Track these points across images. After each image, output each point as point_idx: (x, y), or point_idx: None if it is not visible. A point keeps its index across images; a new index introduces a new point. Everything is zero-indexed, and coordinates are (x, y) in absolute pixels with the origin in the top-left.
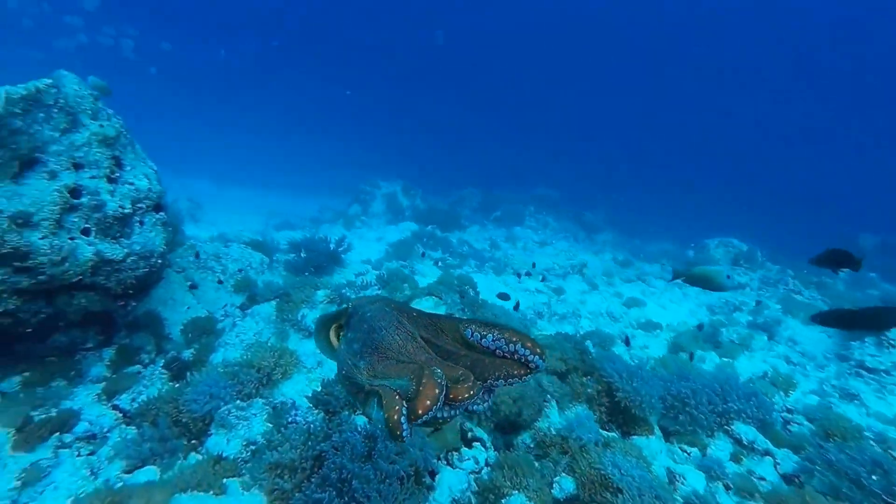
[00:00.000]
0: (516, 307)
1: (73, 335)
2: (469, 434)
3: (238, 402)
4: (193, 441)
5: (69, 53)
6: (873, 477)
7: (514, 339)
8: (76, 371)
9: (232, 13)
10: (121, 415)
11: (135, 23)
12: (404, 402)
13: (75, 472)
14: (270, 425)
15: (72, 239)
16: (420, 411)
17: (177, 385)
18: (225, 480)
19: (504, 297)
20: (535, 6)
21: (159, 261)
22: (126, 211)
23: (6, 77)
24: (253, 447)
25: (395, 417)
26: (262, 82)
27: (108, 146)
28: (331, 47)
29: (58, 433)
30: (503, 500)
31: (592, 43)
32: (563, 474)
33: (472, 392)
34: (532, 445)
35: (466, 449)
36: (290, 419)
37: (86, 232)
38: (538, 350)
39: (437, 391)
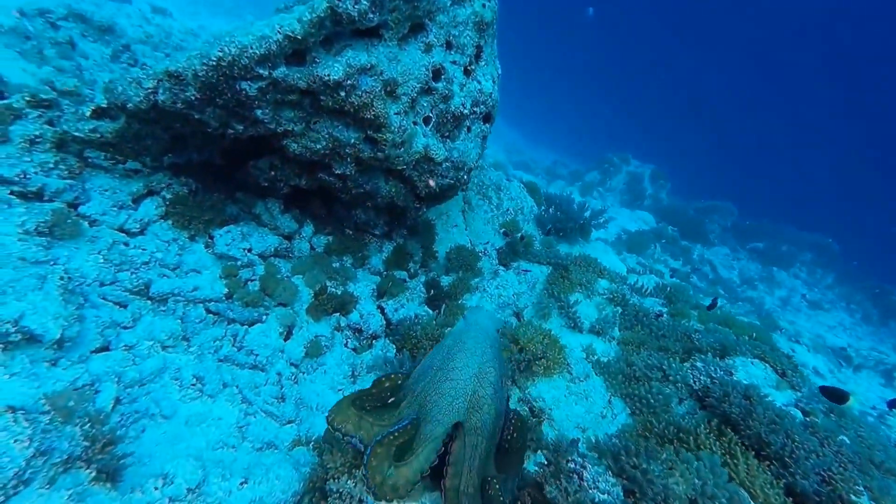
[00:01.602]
0: None
1: (370, 216)
2: None
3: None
4: None
5: None
6: None
7: None
8: (363, 255)
9: None
10: (384, 322)
11: None
12: None
13: (341, 364)
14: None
15: (414, 124)
16: None
17: (432, 314)
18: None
19: None
20: None
21: (465, 176)
22: (465, 111)
23: None
24: None
25: None
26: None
27: (478, 32)
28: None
29: (338, 314)
30: None
31: None
32: None
33: None
34: None
35: None
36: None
37: (426, 121)
38: None
39: None
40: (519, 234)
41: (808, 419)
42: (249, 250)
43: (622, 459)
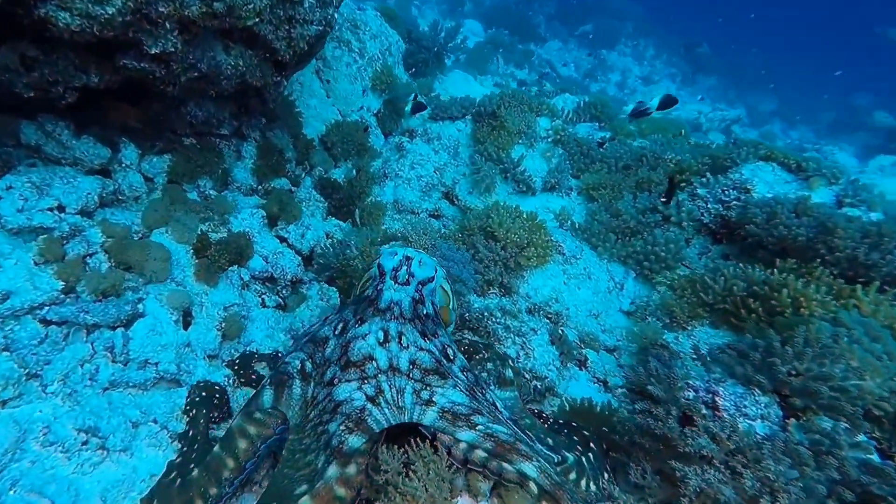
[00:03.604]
0: None
1: (209, 111)
2: None
3: (505, 302)
4: None
5: None
6: None
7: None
8: (222, 170)
9: None
10: (298, 257)
11: None
12: None
13: (274, 334)
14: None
15: None
16: None
17: (347, 226)
18: None
19: None
20: None
21: (334, 13)
22: None
23: None
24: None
25: None
26: None
27: None
28: None
29: (236, 265)
30: None
31: None
32: None
33: None
34: None
35: None
36: (688, 391)
37: None
38: None
39: None
40: (387, 97)
41: (872, 214)
42: (61, 209)
43: (778, 370)
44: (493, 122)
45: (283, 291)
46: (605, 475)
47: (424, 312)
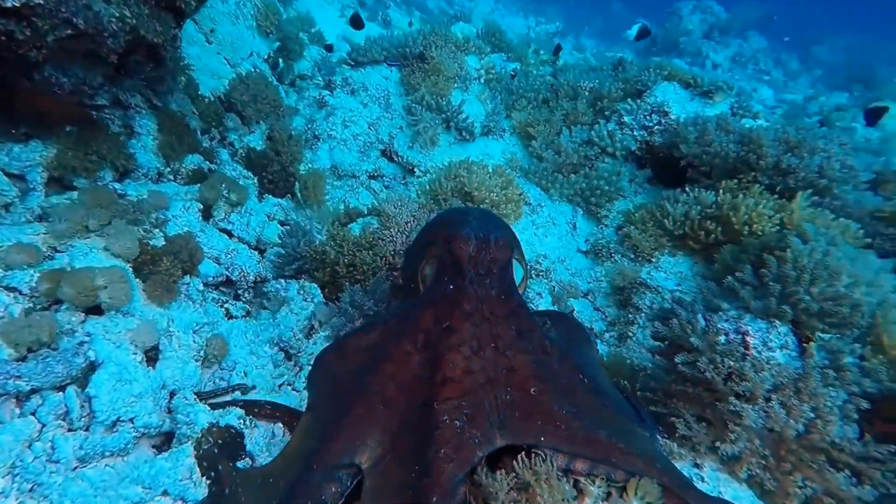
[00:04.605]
0: None
1: (77, 75)
2: None
3: None
4: None
5: None
6: None
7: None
8: (122, 156)
9: None
10: (256, 253)
11: None
12: None
13: (258, 349)
14: None
15: None
16: None
17: (289, 204)
18: None
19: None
20: None
21: None
22: None
23: None
24: None
25: None
26: None
27: None
28: None
29: (188, 275)
30: None
31: None
32: None
33: None
34: None
35: None
36: (720, 335)
37: None
38: None
39: None
40: (269, 57)
41: (758, 122)
42: None
43: (803, 298)
44: (424, 66)
45: (246, 295)
46: (658, 429)
47: (516, 303)
